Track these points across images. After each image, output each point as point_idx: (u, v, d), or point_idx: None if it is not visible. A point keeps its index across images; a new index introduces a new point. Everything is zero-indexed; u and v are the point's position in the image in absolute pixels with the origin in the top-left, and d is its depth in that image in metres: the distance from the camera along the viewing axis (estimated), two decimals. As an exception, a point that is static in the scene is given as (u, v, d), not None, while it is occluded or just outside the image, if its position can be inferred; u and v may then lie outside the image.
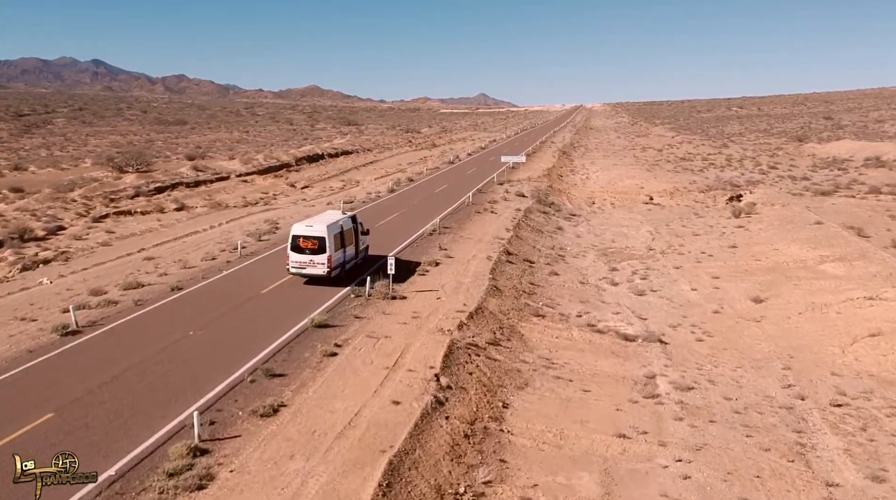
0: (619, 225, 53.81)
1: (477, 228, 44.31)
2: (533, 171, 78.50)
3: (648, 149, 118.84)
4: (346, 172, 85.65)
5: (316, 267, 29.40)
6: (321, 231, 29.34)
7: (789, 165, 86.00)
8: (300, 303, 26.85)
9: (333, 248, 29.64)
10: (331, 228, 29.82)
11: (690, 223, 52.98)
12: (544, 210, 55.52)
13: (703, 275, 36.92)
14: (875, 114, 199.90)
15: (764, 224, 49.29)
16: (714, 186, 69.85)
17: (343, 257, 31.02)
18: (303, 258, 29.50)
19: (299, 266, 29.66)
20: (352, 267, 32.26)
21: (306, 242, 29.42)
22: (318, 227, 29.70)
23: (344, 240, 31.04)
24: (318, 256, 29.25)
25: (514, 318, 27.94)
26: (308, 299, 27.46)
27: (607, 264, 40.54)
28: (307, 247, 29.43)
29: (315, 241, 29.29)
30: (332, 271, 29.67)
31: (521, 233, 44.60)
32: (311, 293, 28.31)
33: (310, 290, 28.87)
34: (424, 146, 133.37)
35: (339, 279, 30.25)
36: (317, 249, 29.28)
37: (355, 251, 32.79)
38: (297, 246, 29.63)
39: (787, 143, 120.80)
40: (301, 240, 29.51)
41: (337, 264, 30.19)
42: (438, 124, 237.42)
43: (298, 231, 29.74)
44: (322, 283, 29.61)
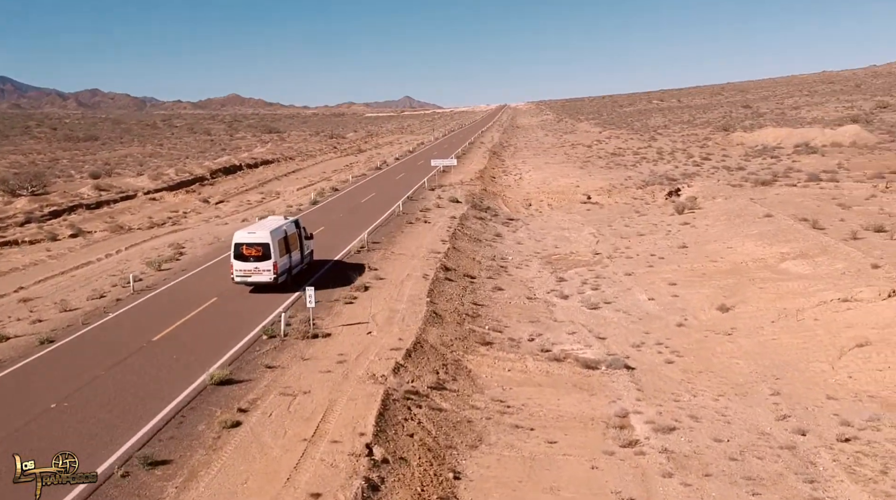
0: (559, 228, 50.60)
1: (410, 242, 40.18)
2: (465, 173, 74.89)
3: (578, 145, 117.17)
4: (265, 184, 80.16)
5: (262, 274, 28.48)
6: (264, 237, 28.41)
7: (721, 156, 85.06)
8: (199, 350, 22.16)
9: (278, 253, 28.77)
10: (274, 234, 28.90)
11: (633, 222, 50.19)
12: (481, 216, 51.84)
13: (659, 281, 33.78)
14: (789, 101, 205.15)
15: (710, 219, 46.85)
16: (650, 181, 67.71)
17: (289, 262, 30.18)
18: (247, 266, 28.46)
19: (244, 275, 28.64)
20: (298, 272, 31.34)
21: (250, 250, 28.45)
22: (261, 233, 28.78)
23: (289, 245, 30.27)
24: (262, 262, 28.37)
25: (458, 350, 23.94)
26: (209, 343, 22.81)
27: (553, 273, 37.05)
28: (251, 254, 28.45)
29: (259, 247, 28.37)
30: (279, 277, 28.85)
31: (459, 244, 40.71)
32: (214, 336, 23.66)
33: (212, 331, 24.20)
34: (350, 152, 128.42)
35: (286, 285, 29.28)
36: (261, 255, 28.37)
37: (301, 256, 31.94)
38: (240, 254, 28.59)
39: (714, 133, 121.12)
40: (244, 248, 28.50)
41: (283, 269, 29.34)
42: (364, 129, 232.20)
43: (241, 239, 28.75)
44: (268, 290, 28.71)
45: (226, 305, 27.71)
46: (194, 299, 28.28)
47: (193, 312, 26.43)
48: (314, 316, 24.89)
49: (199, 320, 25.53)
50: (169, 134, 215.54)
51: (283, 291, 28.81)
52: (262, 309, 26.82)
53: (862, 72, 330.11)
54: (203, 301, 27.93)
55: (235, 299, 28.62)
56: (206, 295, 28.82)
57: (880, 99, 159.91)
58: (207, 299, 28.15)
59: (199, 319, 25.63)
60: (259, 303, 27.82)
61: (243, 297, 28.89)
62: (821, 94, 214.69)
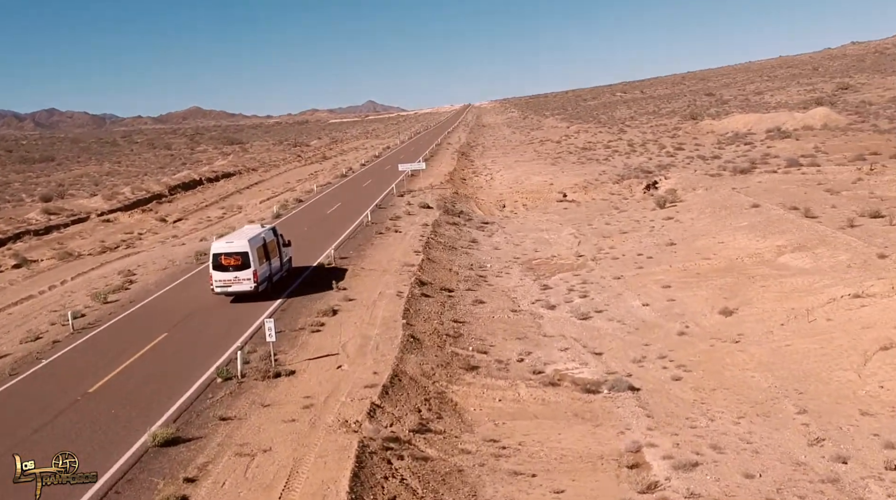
0: (537, 229, 48.15)
1: (381, 255, 37.36)
2: (434, 177, 72.17)
3: (546, 142, 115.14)
4: (227, 198, 76.75)
5: (242, 283, 28.23)
6: (243, 246, 28.28)
7: (694, 145, 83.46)
8: (142, 401, 19.13)
9: (258, 262, 28.54)
10: (253, 242, 28.72)
11: (614, 220, 47.91)
12: (454, 221, 49.15)
13: (651, 284, 31.39)
14: (751, 86, 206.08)
15: (694, 212, 44.73)
16: (626, 174, 65.66)
17: (269, 270, 29.97)
18: (227, 276, 28.24)
19: (224, 285, 28.37)
20: (279, 279, 31.22)
21: (228, 260, 28.21)
22: (240, 242, 28.68)
23: (268, 253, 30.04)
24: (242, 271, 28.16)
25: (441, 379, 21.24)
26: (155, 391, 19.79)
27: (536, 280, 34.54)
28: (230, 264, 28.21)
29: (238, 257, 28.16)
30: (260, 285, 28.58)
31: (433, 253, 37.98)
32: (161, 381, 20.65)
33: (159, 375, 21.16)
34: (315, 160, 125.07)
35: (267, 294, 29.11)
36: (240, 264, 28.16)
37: (280, 263, 31.76)
38: (219, 264, 28.33)
39: (682, 122, 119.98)
40: (223, 257, 28.24)
41: (263, 277, 29.07)
42: (328, 135, 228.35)
43: (219, 249, 28.54)
44: (248, 300, 28.46)
45: (177, 340, 24.70)
46: (141, 335, 25.20)
47: (139, 351, 23.36)
48: (276, 350, 22.03)
49: (146, 361, 22.48)
50: (128, 151, 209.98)
51: (265, 299, 28.72)
52: (218, 342, 23.85)
53: (819, 55, 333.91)
54: (151, 337, 24.86)
55: (188, 331, 25.64)
56: (156, 330, 25.76)
57: (839, 80, 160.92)
58: (156, 335, 25.09)
59: (146, 360, 22.58)
60: (215, 335, 24.85)
61: (196, 329, 25.90)
62: (781, 79, 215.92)
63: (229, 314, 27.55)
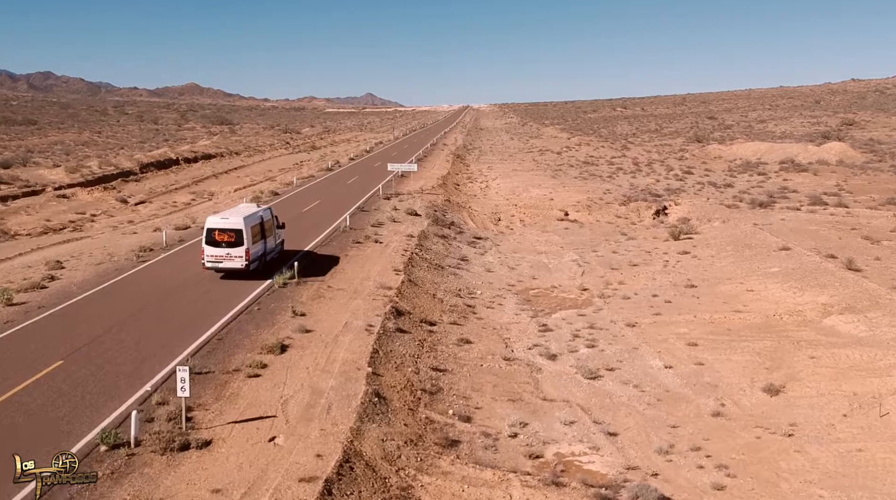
0: (535, 250, 42.95)
1: (354, 271, 31.93)
2: (426, 180, 66.80)
3: (546, 152, 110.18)
4: (201, 181, 70.94)
5: (234, 260, 28.22)
6: (238, 223, 28.17)
7: (704, 170, 78.72)
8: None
9: (251, 240, 28.55)
10: (248, 220, 28.64)
11: (622, 248, 42.79)
12: (443, 233, 43.82)
13: (672, 338, 26.20)
14: (753, 114, 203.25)
15: (713, 249, 39.71)
16: (632, 195, 60.70)
17: (262, 249, 29.97)
18: (219, 252, 28.22)
19: (215, 260, 28.35)
20: (271, 260, 31.13)
21: (222, 236, 28.17)
22: (235, 219, 28.52)
23: (262, 232, 30.13)
24: (235, 249, 28.14)
25: (409, 465, 15.90)
26: (11, 462, 14.29)
27: (534, 316, 29.32)
28: (223, 240, 28.18)
29: (232, 233, 28.10)
30: (251, 264, 28.59)
31: (416, 273, 32.64)
32: (31, 441, 15.15)
33: (30, 433, 15.65)
34: (303, 149, 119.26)
35: (258, 273, 29.03)
36: (234, 241, 28.13)
37: (274, 244, 31.79)
38: (212, 240, 28.22)
39: (687, 144, 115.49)
40: (216, 233, 28.19)
41: (255, 256, 29.10)
42: (321, 124, 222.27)
43: (213, 224, 28.38)
44: (239, 277, 28.38)
45: (72, 372, 19.12)
46: (30, 361, 19.64)
47: (16, 387, 17.83)
48: (195, 402, 16.62)
49: (18, 407, 16.95)
50: (114, 121, 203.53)
51: (255, 278, 28.54)
52: (123, 382, 18.35)
53: (819, 88, 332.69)
54: (42, 364, 19.34)
55: (90, 358, 20.07)
56: (52, 353, 20.22)
57: (843, 116, 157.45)
58: (49, 362, 19.55)
59: (19, 404, 17.05)
60: (119, 372, 19.31)
61: (99, 359, 20.20)
62: (783, 108, 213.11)
63: (151, 339, 22.04)
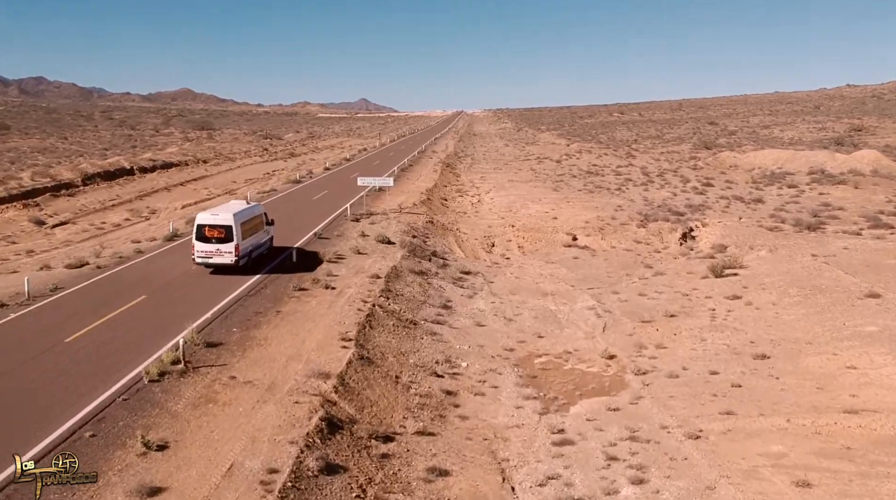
0: (538, 290, 33.61)
1: (281, 343, 22.19)
2: (407, 194, 57.34)
3: (544, 159, 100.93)
4: (149, 195, 61.36)
5: (223, 256, 28.64)
6: (227, 219, 28.58)
7: (725, 182, 69.63)
8: None
9: (241, 236, 28.93)
10: (237, 217, 29.05)
11: (650, 287, 33.43)
12: (422, 268, 34.35)
13: (764, 464, 16.67)
14: (755, 119, 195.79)
15: (772, 292, 30.35)
16: (649, 213, 51.48)
17: (251, 245, 30.38)
18: (209, 248, 28.64)
19: (205, 256, 28.79)
20: (258, 256, 31.53)
21: (212, 231, 28.57)
22: (225, 215, 28.98)
23: (252, 229, 30.56)
24: (224, 244, 28.53)
25: None
26: None
27: (543, 413, 19.90)
28: (213, 236, 28.59)
29: (221, 229, 28.49)
30: (240, 259, 28.93)
31: (376, 341, 23.09)
32: None
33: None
34: (280, 156, 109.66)
35: (246, 268, 29.39)
36: (223, 237, 28.53)
37: (262, 241, 32.23)
38: (202, 235, 28.66)
39: (696, 151, 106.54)
40: (206, 229, 28.59)
41: (245, 252, 29.42)
42: (308, 130, 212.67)
43: (204, 220, 28.82)
44: (228, 272, 28.62)
45: None
46: None
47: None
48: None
49: None
50: (92, 126, 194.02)
51: (244, 273, 28.71)
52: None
53: (816, 94, 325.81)
54: None
55: None
56: None
57: (848, 121, 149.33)
58: None
59: None
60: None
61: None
62: (784, 114, 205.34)
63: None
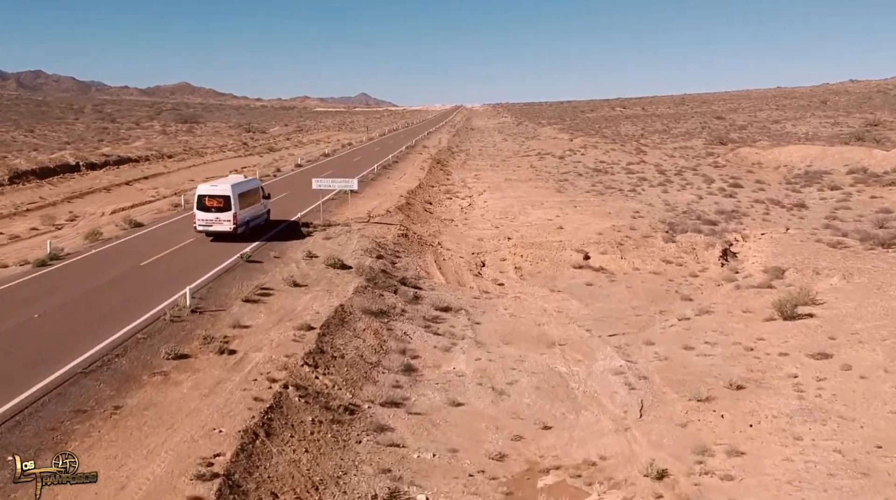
0: (541, 338, 24.32)
1: (84, 492, 13.00)
2: (384, 197, 48.00)
3: (546, 155, 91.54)
4: (80, 197, 51.88)
5: (222, 224, 30.62)
6: (226, 190, 30.56)
7: (755, 182, 60.38)
8: None
9: (239, 206, 30.82)
10: (235, 188, 30.94)
11: (697, 336, 24.11)
12: (382, 306, 24.96)
13: None
14: (762, 114, 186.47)
15: (879, 351, 21.07)
16: (676, 222, 42.26)
17: (249, 215, 32.28)
18: (209, 216, 30.66)
19: (206, 224, 30.85)
20: (255, 226, 33.21)
21: (212, 201, 30.55)
22: (223, 186, 30.97)
23: (248, 200, 32.43)
24: (223, 213, 30.54)
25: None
26: None
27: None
28: (213, 205, 30.55)
29: (220, 199, 30.53)
30: (238, 227, 30.88)
31: (271, 462, 13.69)
32: None
33: None
34: (258, 151, 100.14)
35: (244, 236, 31.29)
36: (222, 207, 30.52)
37: (259, 212, 34.19)
38: (203, 205, 30.66)
39: (710, 145, 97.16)
40: (207, 199, 30.61)
41: (242, 221, 31.30)
42: (297, 123, 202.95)
43: (204, 191, 30.88)
44: (227, 240, 30.56)
45: None
46: None
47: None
48: None
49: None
50: (73, 118, 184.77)
51: (242, 241, 30.50)
52: None
53: (819, 89, 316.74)
54: None
55: None
56: None
57: (862, 116, 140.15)
58: None
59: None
60: None
61: None
62: (791, 108, 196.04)
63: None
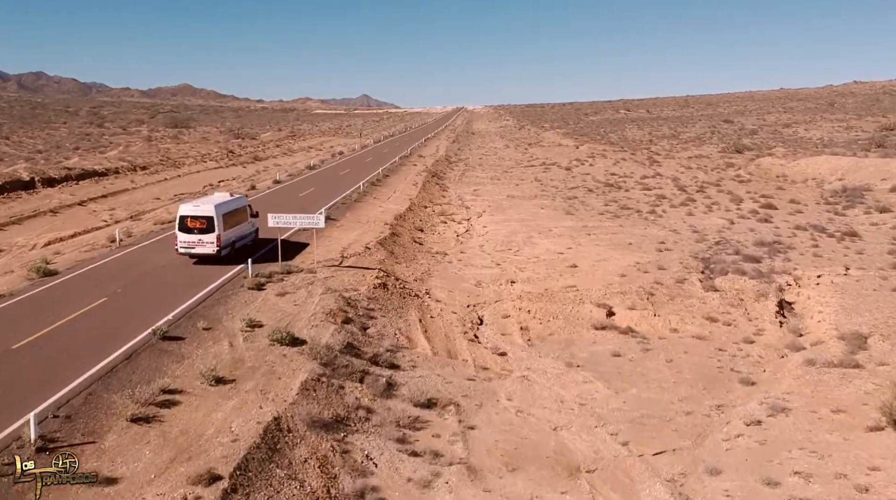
0: (559, 458, 17.44)
1: None
2: (366, 226, 41.05)
3: (551, 166, 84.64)
4: (18, 223, 44.75)
5: (205, 246, 29.12)
6: (209, 211, 28.99)
7: (789, 202, 53.42)
8: None
9: (223, 227, 29.32)
10: (219, 208, 29.43)
11: (777, 457, 17.27)
12: (339, 411, 17.98)
13: None
14: (770, 117, 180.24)
15: None
16: (712, 258, 35.44)
17: (234, 236, 30.70)
18: (191, 238, 29.16)
19: (188, 246, 29.33)
20: (242, 247, 31.70)
21: (194, 222, 28.99)
22: (206, 207, 29.33)
23: (234, 219, 30.94)
24: (206, 235, 29.02)
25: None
26: None
27: None
28: (195, 227, 29.03)
29: (203, 220, 28.95)
30: (222, 249, 29.39)
31: None
32: None
33: None
34: (243, 160, 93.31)
35: (229, 258, 29.70)
36: (205, 228, 28.99)
37: (246, 231, 32.59)
38: (184, 226, 29.13)
39: (726, 154, 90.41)
40: (189, 220, 29.02)
41: (227, 242, 29.88)
42: (292, 127, 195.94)
43: (186, 211, 29.18)
44: (211, 262, 29.02)
45: None
46: None
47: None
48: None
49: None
50: (62, 122, 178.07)
51: (226, 263, 29.05)
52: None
53: (824, 91, 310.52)
54: None
55: None
56: None
57: (873, 119, 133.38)
58: None
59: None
60: None
61: None
62: (798, 111, 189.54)
63: None
